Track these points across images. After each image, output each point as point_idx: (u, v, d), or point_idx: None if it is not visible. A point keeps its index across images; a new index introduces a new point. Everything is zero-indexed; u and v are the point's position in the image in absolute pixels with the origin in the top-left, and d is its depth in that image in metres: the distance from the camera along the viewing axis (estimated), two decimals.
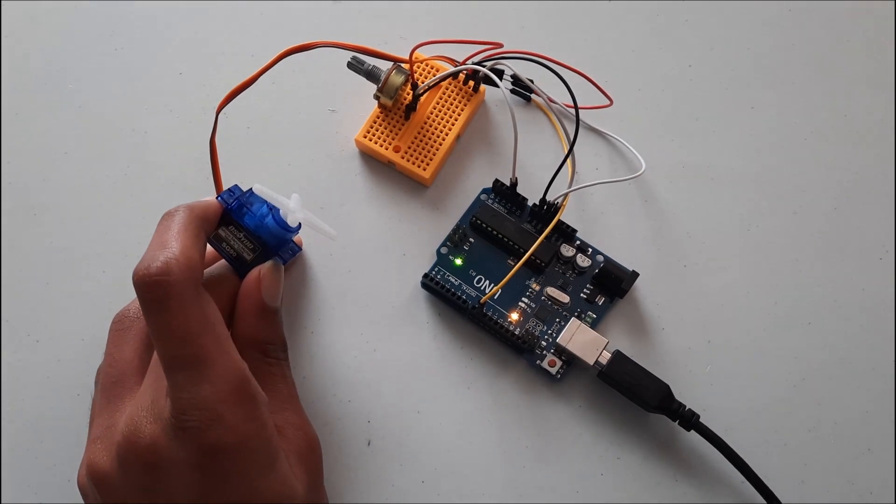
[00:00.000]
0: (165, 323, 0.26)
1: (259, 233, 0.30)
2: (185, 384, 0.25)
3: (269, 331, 0.30)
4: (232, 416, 0.26)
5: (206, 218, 0.29)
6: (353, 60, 0.35)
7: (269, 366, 0.30)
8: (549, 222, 0.34)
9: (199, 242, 0.28)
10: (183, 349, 0.26)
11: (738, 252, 0.36)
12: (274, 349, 0.30)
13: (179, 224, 0.28)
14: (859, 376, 0.35)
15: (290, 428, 0.29)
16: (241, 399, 0.26)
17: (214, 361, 0.26)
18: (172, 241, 0.27)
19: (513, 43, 0.37)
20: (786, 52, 0.40)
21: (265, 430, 0.27)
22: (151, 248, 0.27)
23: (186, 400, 0.25)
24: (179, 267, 0.26)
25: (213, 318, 0.27)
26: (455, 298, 0.34)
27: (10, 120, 0.39)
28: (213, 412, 0.25)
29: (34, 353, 0.35)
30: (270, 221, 0.29)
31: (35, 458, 0.34)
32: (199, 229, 0.28)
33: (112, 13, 0.40)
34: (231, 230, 0.30)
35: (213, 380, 0.25)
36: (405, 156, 0.36)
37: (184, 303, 0.26)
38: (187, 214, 0.28)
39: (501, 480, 0.33)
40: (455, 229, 0.36)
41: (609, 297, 0.35)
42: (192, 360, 0.25)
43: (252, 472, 0.26)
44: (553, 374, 0.34)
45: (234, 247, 0.30)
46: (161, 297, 0.25)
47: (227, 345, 0.27)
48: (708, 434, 0.32)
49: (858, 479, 0.33)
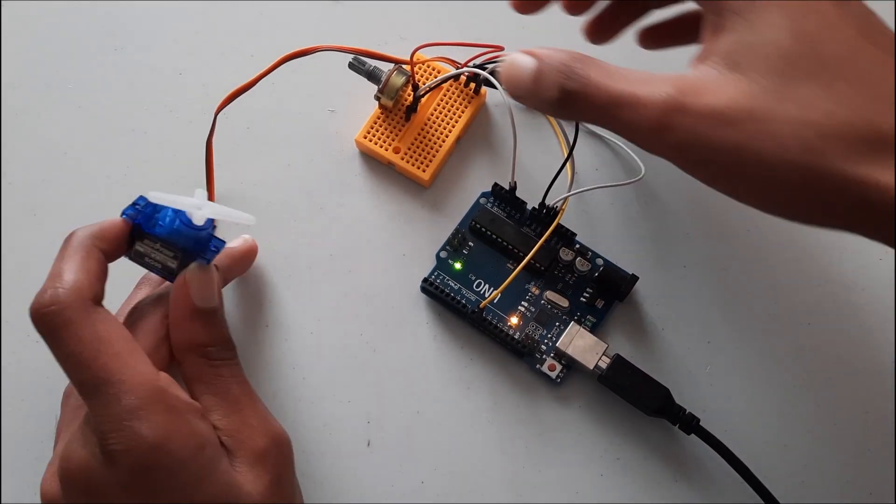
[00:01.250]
0: (63, 352, 0.26)
1: (172, 239, 0.29)
2: (97, 408, 0.25)
3: (207, 333, 0.30)
4: (151, 430, 0.25)
5: (103, 237, 0.29)
6: (355, 61, 0.35)
7: (214, 368, 0.29)
8: (549, 226, 0.34)
9: (89, 264, 0.28)
10: (84, 374, 0.26)
11: (738, 252, 0.36)
12: (216, 350, 0.29)
13: (70, 249, 0.28)
14: (859, 376, 0.35)
15: (245, 429, 0.28)
16: (159, 411, 0.26)
17: (120, 379, 0.25)
18: (61, 268, 0.27)
19: (514, 45, 0.37)
20: None
21: (192, 439, 0.26)
22: (46, 280, 0.27)
23: (103, 423, 0.25)
24: (66, 294, 0.26)
25: (109, 335, 0.26)
26: (455, 303, 0.34)
27: (10, 120, 0.39)
28: (129, 431, 0.25)
29: (34, 353, 0.35)
30: (179, 225, 0.29)
31: (35, 458, 0.34)
32: (91, 249, 0.28)
33: (112, 13, 0.40)
34: (147, 243, 0.29)
35: (122, 398, 0.25)
36: (405, 157, 0.36)
37: (73, 328, 0.26)
38: (79, 237, 0.28)
39: (501, 481, 0.33)
40: (454, 233, 0.36)
41: (609, 301, 0.35)
42: (96, 382, 0.25)
43: (185, 484, 0.26)
44: (553, 378, 0.34)
45: (157, 258, 0.30)
46: (52, 328, 0.26)
47: (131, 360, 0.26)
48: (708, 438, 0.32)
49: (858, 480, 0.33)
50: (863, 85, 0.23)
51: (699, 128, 0.24)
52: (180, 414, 0.26)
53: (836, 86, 0.23)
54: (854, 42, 0.24)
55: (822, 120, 0.23)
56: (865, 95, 0.23)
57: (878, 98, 0.23)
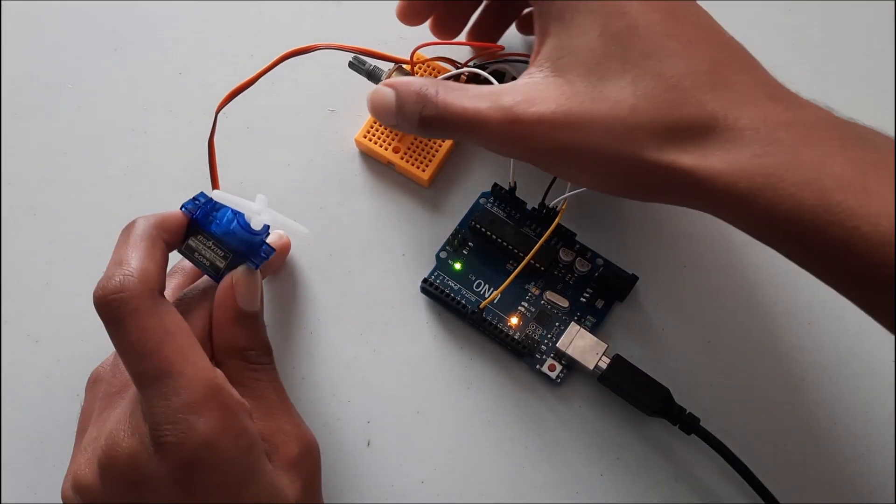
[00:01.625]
0: (125, 340, 0.26)
1: (227, 240, 0.29)
2: (154, 398, 0.25)
3: (248, 337, 0.30)
4: (205, 426, 0.25)
5: (166, 228, 0.29)
6: (355, 60, 0.35)
7: (253, 372, 0.29)
8: (549, 226, 0.34)
9: (155, 253, 0.28)
10: (146, 364, 0.25)
11: (738, 252, 0.36)
12: (256, 355, 0.30)
13: (135, 237, 0.28)
14: (859, 376, 0.35)
15: (280, 434, 0.29)
16: (214, 408, 0.26)
17: (180, 373, 0.25)
18: (127, 255, 0.27)
19: (514, 43, 0.37)
20: (786, 52, 0.40)
21: (243, 438, 0.26)
22: (109, 266, 0.27)
23: (158, 414, 0.25)
24: (133, 282, 0.26)
25: (175, 328, 0.26)
26: (455, 303, 0.34)
27: (10, 120, 0.39)
28: (185, 424, 0.25)
29: (34, 353, 0.35)
30: (236, 227, 0.29)
31: (35, 458, 0.34)
32: (157, 240, 0.28)
33: (112, 13, 0.41)
34: (201, 239, 0.29)
35: (181, 391, 0.25)
36: (405, 156, 0.36)
37: (140, 318, 0.26)
38: (143, 226, 0.28)
39: (501, 481, 0.33)
40: (454, 233, 0.36)
41: (609, 301, 0.35)
42: (156, 373, 0.25)
43: (233, 483, 0.26)
44: (553, 378, 0.34)
45: (207, 256, 0.29)
46: (118, 316, 0.26)
47: (192, 354, 0.26)
48: (709, 438, 0.32)
49: (858, 479, 0.33)
50: (662, 78, 0.25)
51: (535, 135, 0.27)
52: (234, 413, 0.26)
53: (639, 82, 0.26)
54: (658, 35, 0.26)
55: (628, 116, 0.25)
56: (664, 87, 0.25)
57: (676, 88, 0.25)
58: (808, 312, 0.35)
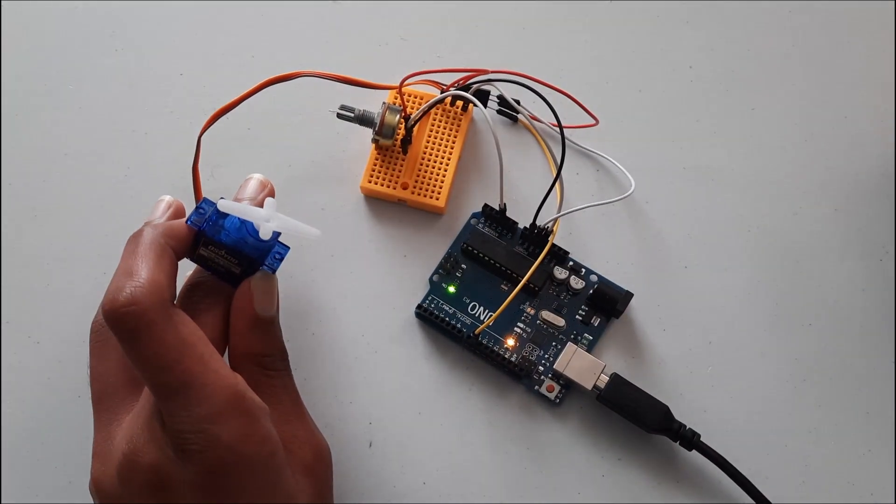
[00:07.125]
0: (143, 354, 0.25)
1: (238, 248, 0.28)
2: (177, 410, 0.25)
3: (265, 343, 0.29)
4: (230, 434, 0.25)
5: (174, 236, 0.28)
6: (342, 110, 0.35)
7: (269, 378, 0.29)
8: (541, 244, 0.34)
9: (164, 263, 0.27)
10: (166, 376, 0.25)
11: (739, 253, 0.36)
12: (272, 360, 0.29)
13: (143, 246, 0.27)
14: (859, 377, 0.35)
15: (295, 440, 0.28)
16: (238, 415, 0.25)
17: (203, 383, 0.25)
18: (136, 266, 0.26)
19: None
20: (786, 52, 0.40)
21: (267, 444, 0.26)
22: (117, 276, 0.26)
23: (182, 423, 0.25)
24: (145, 294, 0.25)
25: (192, 337, 0.26)
26: (450, 328, 0.34)
27: (10, 120, 0.39)
28: (209, 433, 0.25)
29: (35, 354, 0.35)
30: (245, 235, 0.28)
31: (36, 458, 0.34)
32: (165, 248, 0.27)
33: (112, 14, 0.40)
34: (212, 249, 0.29)
35: (205, 401, 0.25)
36: (414, 191, 0.36)
37: (156, 330, 0.25)
38: (151, 235, 0.27)
39: (503, 481, 0.33)
40: (447, 256, 0.35)
41: (605, 318, 0.35)
42: (178, 385, 0.25)
43: (256, 489, 0.26)
44: (552, 399, 0.34)
45: (221, 264, 0.29)
46: (133, 329, 0.25)
47: (212, 362, 0.26)
48: (709, 453, 0.32)
49: (858, 480, 0.33)
50: None
51: None
52: (257, 419, 0.26)
53: None
54: None
55: None
56: None
57: None
58: (809, 313, 0.35)
